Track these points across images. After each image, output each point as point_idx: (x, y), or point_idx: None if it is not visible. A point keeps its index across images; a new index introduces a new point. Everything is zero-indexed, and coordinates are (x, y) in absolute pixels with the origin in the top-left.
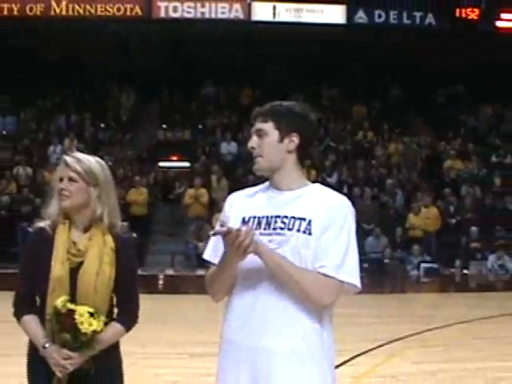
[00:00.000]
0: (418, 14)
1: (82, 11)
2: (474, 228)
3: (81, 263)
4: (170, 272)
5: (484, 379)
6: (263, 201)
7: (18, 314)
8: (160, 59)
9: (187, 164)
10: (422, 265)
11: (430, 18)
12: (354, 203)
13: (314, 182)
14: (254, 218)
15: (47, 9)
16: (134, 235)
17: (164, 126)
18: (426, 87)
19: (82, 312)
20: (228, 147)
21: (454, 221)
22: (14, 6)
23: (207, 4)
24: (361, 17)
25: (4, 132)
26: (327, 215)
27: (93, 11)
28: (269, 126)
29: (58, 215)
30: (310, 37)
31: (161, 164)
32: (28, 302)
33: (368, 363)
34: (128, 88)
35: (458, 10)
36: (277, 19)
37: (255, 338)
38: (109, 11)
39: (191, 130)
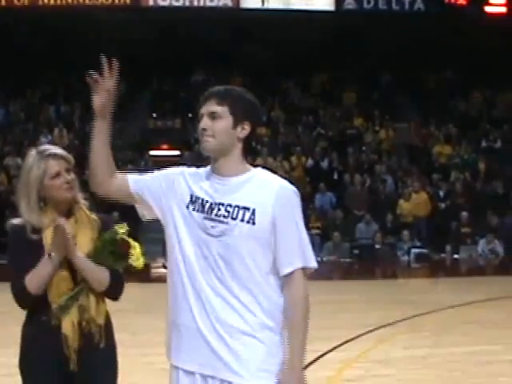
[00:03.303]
0: (406, 0)
1: (70, 0)
2: (464, 213)
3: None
4: (161, 261)
5: (473, 363)
6: (208, 186)
7: (24, 297)
8: (150, 48)
9: (178, 152)
10: (413, 250)
11: (418, 4)
12: (344, 190)
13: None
14: (201, 200)
15: None
16: (125, 224)
17: (154, 114)
18: (415, 73)
19: (135, 245)
20: None
21: (443, 206)
22: None
23: None
24: (350, 3)
25: None
26: (275, 206)
27: (81, 0)
28: (224, 110)
29: (34, 211)
30: (299, 24)
31: (151, 153)
32: None
33: (358, 349)
34: (118, 77)
35: None
36: (266, 6)
37: (207, 324)
38: (97, 0)
39: (181, 118)
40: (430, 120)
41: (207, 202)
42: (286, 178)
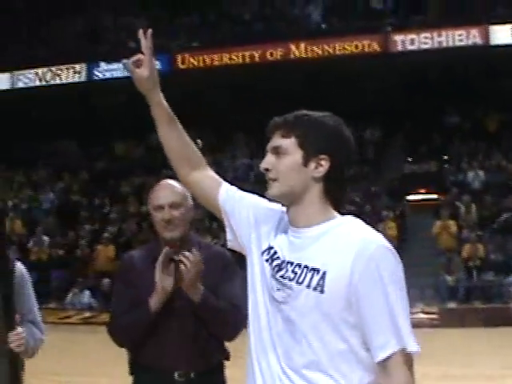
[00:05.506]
0: None
1: (320, 52)
2: None
3: None
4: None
5: None
6: (283, 238)
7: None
8: (401, 93)
9: (435, 196)
10: None
11: None
12: None
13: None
14: (274, 252)
15: (287, 52)
16: None
17: (409, 158)
18: None
19: None
20: (475, 176)
21: None
22: (254, 52)
23: (444, 33)
24: None
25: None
26: (354, 268)
27: (331, 51)
28: (290, 143)
29: None
30: None
31: (409, 198)
32: None
33: None
34: (372, 123)
35: None
36: None
37: None
38: (347, 49)
39: (436, 161)
40: None
41: (278, 257)
42: None
